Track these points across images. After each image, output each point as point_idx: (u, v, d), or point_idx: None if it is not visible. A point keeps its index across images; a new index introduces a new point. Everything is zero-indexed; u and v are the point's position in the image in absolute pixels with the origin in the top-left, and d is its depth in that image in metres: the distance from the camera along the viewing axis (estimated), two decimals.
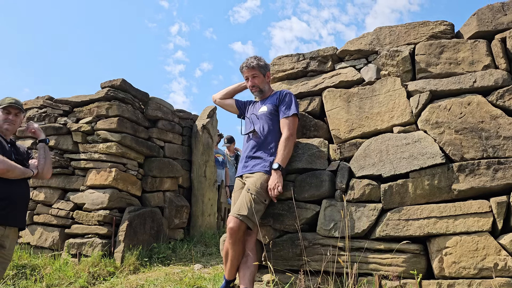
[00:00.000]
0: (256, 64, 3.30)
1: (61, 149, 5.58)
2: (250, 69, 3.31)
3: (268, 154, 3.14)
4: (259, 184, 2.98)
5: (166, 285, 3.97)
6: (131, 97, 5.75)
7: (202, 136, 6.87)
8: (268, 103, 3.30)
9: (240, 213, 2.87)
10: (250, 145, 3.25)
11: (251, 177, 3.08)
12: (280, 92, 3.31)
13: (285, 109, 3.18)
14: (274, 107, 3.25)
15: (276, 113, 3.24)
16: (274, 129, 3.21)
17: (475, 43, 3.08)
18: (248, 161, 3.19)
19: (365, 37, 3.52)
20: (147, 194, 5.71)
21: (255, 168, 3.11)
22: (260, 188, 2.97)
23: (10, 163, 2.87)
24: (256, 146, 3.20)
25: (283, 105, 3.20)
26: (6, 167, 2.82)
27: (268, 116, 3.24)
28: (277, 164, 2.99)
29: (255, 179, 3.03)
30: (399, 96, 3.14)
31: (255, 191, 2.95)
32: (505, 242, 2.57)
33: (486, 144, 2.79)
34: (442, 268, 2.67)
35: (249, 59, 3.34)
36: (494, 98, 2.88)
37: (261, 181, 3.00)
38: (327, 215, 3.04)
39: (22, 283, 4.18)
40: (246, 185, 3.04)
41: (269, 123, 3.22)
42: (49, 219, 5.29)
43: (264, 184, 2.99)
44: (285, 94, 3.26)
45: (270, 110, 3.25)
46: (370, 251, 2.88)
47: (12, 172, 2.87)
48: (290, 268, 3.03)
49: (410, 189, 2.86)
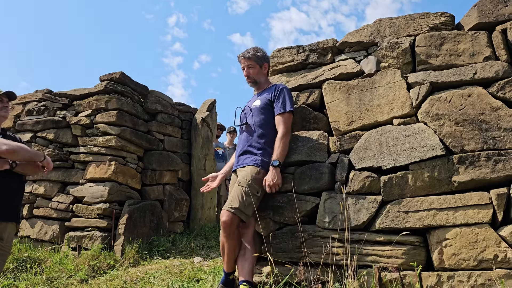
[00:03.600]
0: (253, 54, 3.29)
1: (61, 143, 5.57)
2: (246, 59, 3.31)
3: (258, 147, 3.13)
4: (250, 177, 2.99)
5: (166, 278, 3.98)
6: (131, 90, 5.73)
7: (201, 129, 6.86)
8: (262, 97, 3.28)
9: (232, 206, 2.88)
10: (242, 138, 3.27)
11: (243, 171, 3.09)
12: (276, 87, 3.28)
13: (281, 105, 3.17)
14: (269, 101, 3.23)
15: (269, 108, 3.22)
16: (266, 123, 3.20)
17: (475, 34, 3.06)
18: (241, 155, 3.20)
19: (365, 29, 3.50)
20: (146, 187, 5.71)
21: (246, 161, 3.12)
22: (251, 181, 2.97)
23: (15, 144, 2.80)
24: (248, 139, 3.20)
25: (278, 101, 3.19)
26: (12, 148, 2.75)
27: (260, 110, 3.23)
28: (277, 161, 2.99)
29: (246, 173, 3.03)
30: (399, 88, 3.13)
31: (246, 184, 2.95)
32: (505, 234, 2.57)
33: (487, 136, 2.78)
34: (442, 260, 2.68)
35: (248, 49, 3.33)
36: (495, 90, 2.87)
37: (252, 174, 3.01)
38: (326, 207, 3.04)
39: (23, 276, 4.19)
40: (238, 179, 3.05)
41: (261, 117, 3.22)
42: (49, 213, 5.30)
43: (255, 177, 3.00)
44: (280, 90, 3.24)
45: (263, 104, 3.24)
46: (370, 243, 2.88)
47: (18, 154, 2.80)
48: (290, 260, 3.03)
49: (410, 181, 2.85)
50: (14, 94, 3.10)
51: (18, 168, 2.90)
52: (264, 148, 3.12)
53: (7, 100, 3.08)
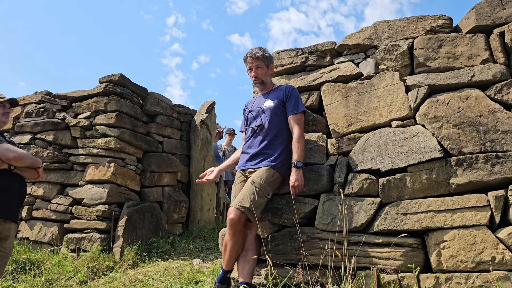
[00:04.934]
0: (261, 55, 3.25)
1: (60, 144, 5.58)
2: (254, 60, 3.26)
3: (274, 149, 3.11)
4: (264, 178, 2.97)
5: (165, 280, 3.99)
6: (130, 92, 5.74)
7: (200, 131, 6.87)
8: (273, 98, 3.26)
9: (242, 204, 2.86)
10: (257, 139, 3.21)
11: (257, 171, 3.06)
12: (286, 87, 3.28)
13: (294, 106, 3.17)
14: (281, 103, 3.21)
15: (282, 109, 3.21)
16: (281, 125, 3.18)
17: (473, 37, 3.07)
18: (254, 155, 3.17)
19: (363, 32, 3.51)
20: (146, 189, 5.72)
21: (261, 163, 3.10)
22: (265, 182, 2.96)
23: (21, 151, 2.92)
24: (263, 141, 3.17)
25: (291, 102, 3.18)
26: (19, 156, 2.86)
27: (274, 111, 3.20)
28: (300, 162, 2.97)
29: (260, 173, 3.01)
30: (398, 91, 3.14)
31: (259, 184, 2.94)
32: (502, 236, 2.58)
33: (484, 138, 2.80)
34: (440, 262, 2.69)
35: (254, 49, 3.29)
36: (492, 92, 2.88)
37: (266, 175, 2.99)
38: (325, 209, 3.05)
39: (21, 278, 4.19)
40: (251, 178, 3.01)
41: (276, 118, 3.19)
42: (48, 214, 5.30)
43: (268, 179, 2.99)
44: (292, 90, 3.24)
45: (276, 105, 3.21)
46: (368, 245, 2.89)
47: (24, 161, 2.89)
48: (289, 262, 3.04)
49: (408, 183, 2.87)
50: (17, 101, 3.23)
51: (16, 170, 2.94)
52: (280, 149, 3.11)
53: (9, 107, 3.18)
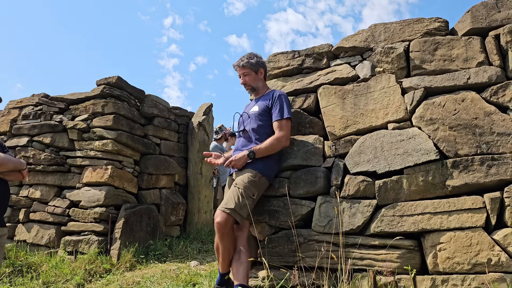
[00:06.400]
0: (246, 62, 3.34)
1: (57, 147, 5.57)
2: (241, 68, 3.38)
3: None
4: (247, 180, 3.01)
5: (162, 282, 3.98)
6: (127, 95, 5.74)
7: (198, 133, 6.87)
8: (260, 104, 3.31)
9: (227, 206, 2.89)
10: (240, 143, 3.32)
11: (240, 174, 3.11)
12: (273, 93, 3.31)
13: (278, 112, 3.19)
14: (266, 108, 3.26)
15: (267, 114, 3.25)
16: (264, 130, 3.23)
17: (469, 40, 3.09)
18: None
19: (360, 34, 3.52)
20: (143, 191, 5.71)
21: (245, 166, 3.14)
22: (248, 183, 2.99)
23: (3, 156, 2.79)
24: (246, 145, 3.24)
25: (276, 108, 3.21)
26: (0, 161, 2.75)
27: (258, 116, 3.26)
28: (253, 153, 3.06)
29: (243, 176, 3.06)
30: (394, 93, 3.15)
31: (242, 186, 2.98)
32: (498, 238, 2.59)
33: (480, 141, 2.81)
34: (436, 264, 2.69)
35: (241, 57, 3.39)
36: (488, 95, 2.90)
37: (249, 177, 3.03)
38: (322, 211, 3.05)
39: (19, 281, 4.18)
40: (235, 181, 3.08)
41: (258, 123, 3.25)
42: (45, 217, 5.28)
43: (252, 180, 3.02)
44: (278, 96, 3.26)
45: (261, 110, 3.26)
46: (365, 247, 2.90)
47: (5, 166, 2.80)
48: (285, 264, 3.04)
49: (405, 185, 2.87)
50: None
51: None
52: None
53: None
